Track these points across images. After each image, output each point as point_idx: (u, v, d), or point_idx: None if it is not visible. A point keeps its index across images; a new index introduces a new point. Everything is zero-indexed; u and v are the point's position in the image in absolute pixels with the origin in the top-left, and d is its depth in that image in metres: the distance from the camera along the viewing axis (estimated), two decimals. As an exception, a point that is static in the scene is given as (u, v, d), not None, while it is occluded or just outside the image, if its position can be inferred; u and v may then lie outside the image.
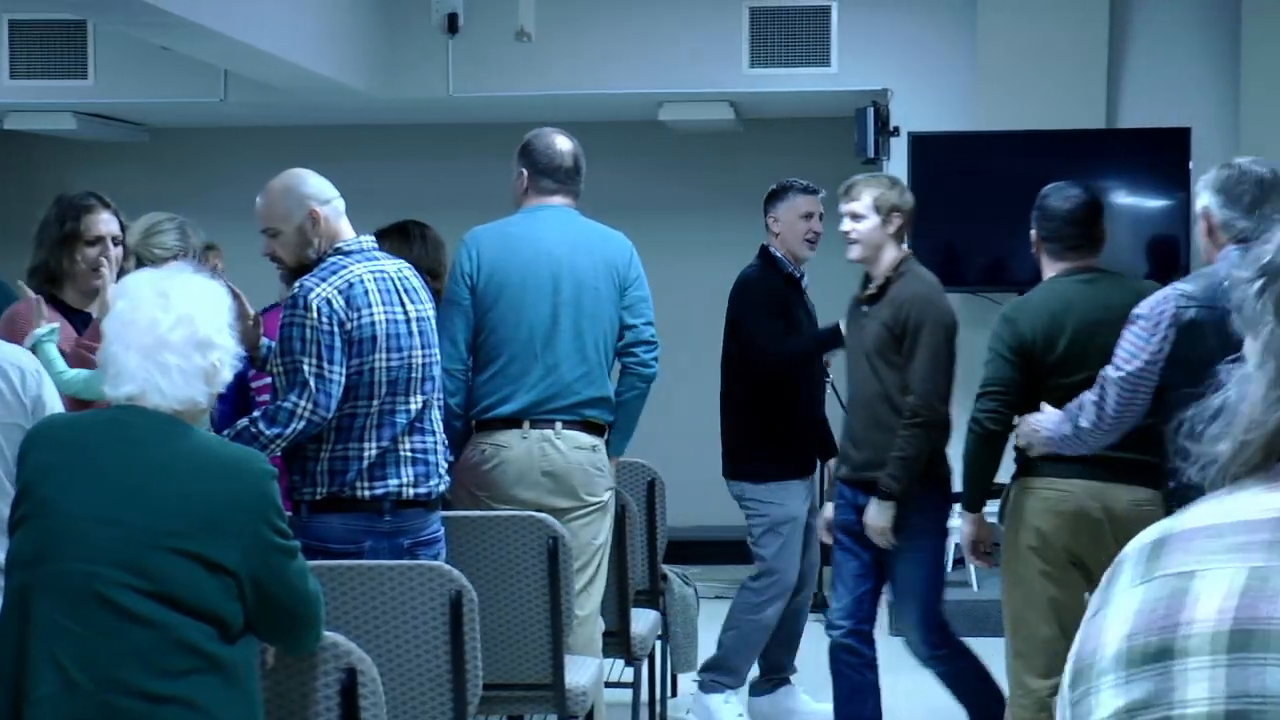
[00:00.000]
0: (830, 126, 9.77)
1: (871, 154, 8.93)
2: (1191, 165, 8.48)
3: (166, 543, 2.97)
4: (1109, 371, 4.35)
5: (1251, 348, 1.55)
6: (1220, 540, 1.43)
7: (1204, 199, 4.31)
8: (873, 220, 5.42)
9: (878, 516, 5.35)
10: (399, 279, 4.50)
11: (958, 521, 5.45)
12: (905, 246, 5.56)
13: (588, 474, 5.18)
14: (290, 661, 3.28)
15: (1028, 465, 4.88)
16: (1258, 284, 1.54)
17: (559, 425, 5.17)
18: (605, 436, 5.28)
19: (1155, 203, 8.70)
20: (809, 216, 6.48)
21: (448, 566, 4.02)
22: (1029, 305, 4.98)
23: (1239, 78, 8.76)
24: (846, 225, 5.46)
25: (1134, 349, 4.25)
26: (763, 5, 9.17)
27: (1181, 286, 4.24)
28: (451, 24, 9.02)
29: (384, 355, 4.38)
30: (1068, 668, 1.46)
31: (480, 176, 8.10)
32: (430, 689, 3.89)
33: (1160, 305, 4.23)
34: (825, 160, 10.08)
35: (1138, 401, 4.29)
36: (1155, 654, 1.38)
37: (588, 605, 5.18)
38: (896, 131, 9.00)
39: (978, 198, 8.77)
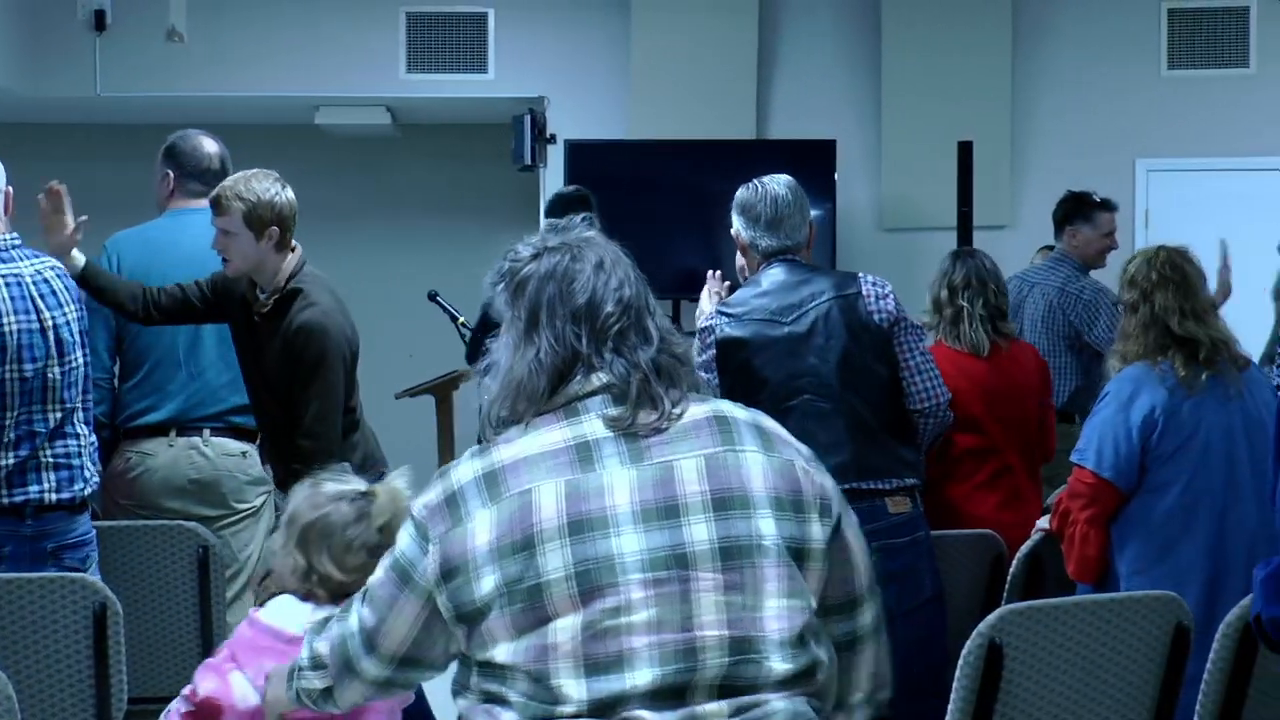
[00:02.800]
0: (488, 133, 9.81)
1: (528, 161, 9.01)
2: (837, 176, 8.78)
3: None
4: None
5: (504, 329, 2.43)
6: (539, 466, 2.29)
7: (734, 220, 4.49)
8: (246, 237, 4.59)
9: None
10: (35, 284, 4.29)
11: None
12: (295, 249, 4.73)
13: (237, 481, 5.10)
14: (-81, 680, 3.14)
15: None
16: (501, 285, 2.45)
17: (207, 432, 5.09)
18: (256, 442, 5.21)
19: (803, 212, 8.95)
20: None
21: (91, 578, 3.91)
22: None
23: (880, 92, 9.09)
24: (219, 243, 4.65)
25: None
26: (420, 11, 9.16)
27: (722, 307, 4.38)
28: (99, 21, 8.79)
29: (15, 366, 4.19)
30: (432, 569, 2.30)
31: (130, 179, 7.89)
32: (72, 704, 3.78)
33: (705, 322, 4.36)
34: (483, 167, 10.15)
35: None
36: (521, 545, 2.25)
37: (240, 613, 5.10)
38: (553, 139, 9.09)
39: (633, 206, 8.91)
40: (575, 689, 2.21)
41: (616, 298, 2.38)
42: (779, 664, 2.26)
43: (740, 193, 4.49)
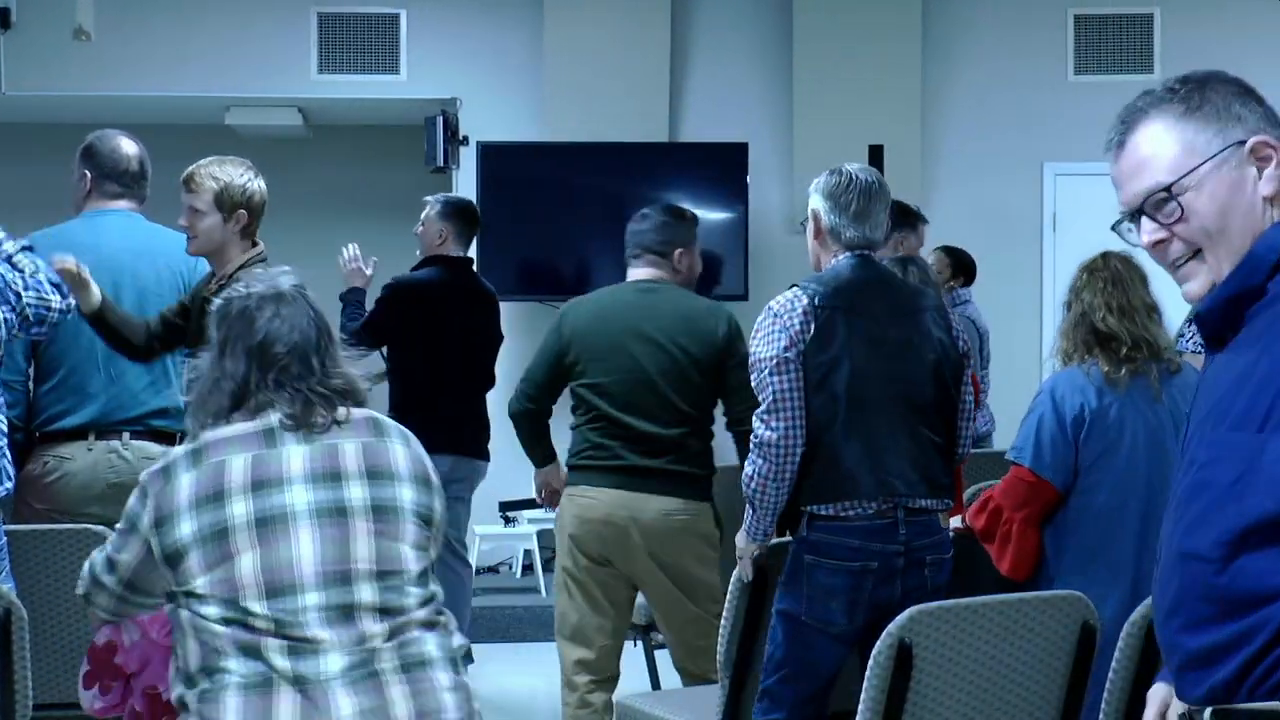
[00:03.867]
0: (401, 134, 9.77)
1: (441, 163, 8.98)
2: (749, 179, 8.82)
3: None
4: (755, 375, 4.17)
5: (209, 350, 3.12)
6: (234, 444, 2.99)
7: (815, 201, 4.30)
8: (214, 218, 4.75)
9: None
10: None
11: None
12: (257, 244, 4.91)
13: (154, 485, 5.04)
14: None
15: (571, 471, 5.05)
16: (215, 314, 3.13)
17: (126, 436, 5.04)
18: (176, 445, 5.15)
19: (716, 214, 8.99)
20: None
21: (-2, 584, 3.86)
22: (579, 305, 5.15)
23: (792, 96, 9.14)
24: (186, 219, 4.78)
25: (767, 343, 4.13)
26: (331, 11, 9.11)
27: (810, 286, 4.17)
28: (4, 19, 8.68)
29: None
30: (148, 519, 2.96)
31: (36, 178, 7.82)
32: (-20, 711, 3.74)
33: (793, 301, 4.13)
34: (395, 169, 10.11)
35: (796, 385, 4.08)
36: (213, 497, 2.93)
37: (154, 619, 5.06)
38: (466, 140, 9.07)
39: (546, 207, 8.92)
40: (259, 608, 2.87)
41: (287, 340, 3.07)
42: (414, 590, 3.00)
43: (826, 178, 4.29)
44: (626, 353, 4.93)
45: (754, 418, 4.13)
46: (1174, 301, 2.87)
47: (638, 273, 5.10)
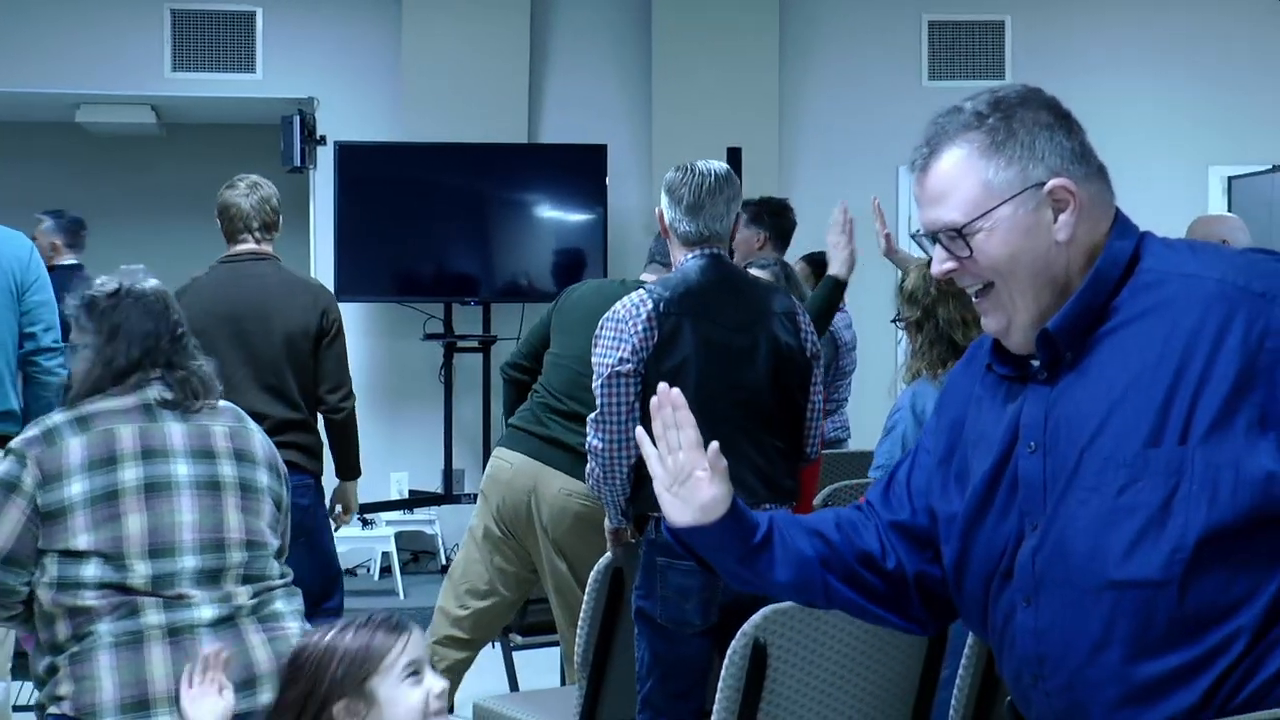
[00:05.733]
0: (257, 133, 9.68)
1: (298, 163, 8.90)
2: (608, 180, 8.83)
3: None
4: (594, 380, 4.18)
5: (83, 336, 3.37)
6: (118, 415, 3.27)
7: (662, 198, 4.30)
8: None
9: None
10: None
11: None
12: (244, 248, 5.56)
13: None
14: None
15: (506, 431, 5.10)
16: (83, 306, 3.37)
17: (-36, 441, 4.93)
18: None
19: (575, 215, 9.00)
20: None
21: None
22: (579, 283, 5.21)
23: (650, 97, 9.17)
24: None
25: (606, 350, 4.12)
26: (185, 8, 8.99)
27: (655, 290, 4.15)
28: None
29: None
30: (31, 479, 3.16)
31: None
32: None
33: (637, 307, 4.11)
34: (252, 168, 9.92)
35: (626, 400, 4.07)
36: (106, 461, 3.21)
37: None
38: (323, 140, 8.99)
39: (405, 208, 8.87)
40: (142, 566, 3.15)
41: (173, 331, 3.40)
42: (274, 563, 3.37)
43: (669, 173, 4.31)
44: (580, 335, 4.93)
45: (588, 421, 4.16)
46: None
47: (644, 276, 5.08)
